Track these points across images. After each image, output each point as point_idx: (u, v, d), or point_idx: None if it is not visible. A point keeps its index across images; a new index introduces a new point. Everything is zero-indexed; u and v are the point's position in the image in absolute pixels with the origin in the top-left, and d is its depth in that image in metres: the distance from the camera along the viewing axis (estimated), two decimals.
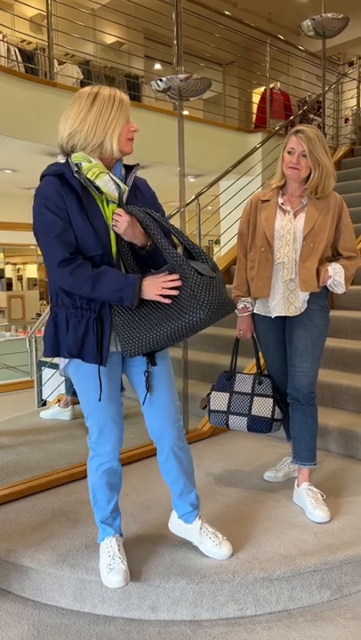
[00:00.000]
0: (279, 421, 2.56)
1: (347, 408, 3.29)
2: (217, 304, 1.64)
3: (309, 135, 2.29)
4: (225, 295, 1.69)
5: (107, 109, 1.74)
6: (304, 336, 2.38)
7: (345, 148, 7.15)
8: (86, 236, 1.71)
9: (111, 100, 1.76)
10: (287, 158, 2.34)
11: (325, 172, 2.31)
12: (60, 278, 1.70)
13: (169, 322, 1.67)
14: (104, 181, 1.73)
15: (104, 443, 1.89)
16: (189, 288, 1.64)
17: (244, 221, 2.54)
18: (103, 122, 1.73)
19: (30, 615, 1.96)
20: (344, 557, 2.04)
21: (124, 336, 1.74)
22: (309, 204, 2.36)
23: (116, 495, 1.98)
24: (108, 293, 1.67)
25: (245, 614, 1.95)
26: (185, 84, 2.97)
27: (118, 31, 8.27)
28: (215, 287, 1.66)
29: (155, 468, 2.87)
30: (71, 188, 1.72)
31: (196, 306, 1.62)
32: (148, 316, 1.71)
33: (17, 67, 5.89)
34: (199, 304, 1.62)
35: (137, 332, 1.72)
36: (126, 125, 1.77)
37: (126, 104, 1.78)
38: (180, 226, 3.35)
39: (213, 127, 6.56)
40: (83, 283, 1.66)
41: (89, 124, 1.73)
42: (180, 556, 2.05)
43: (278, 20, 9.32)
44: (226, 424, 2.65)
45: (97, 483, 1.94)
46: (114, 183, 1.74)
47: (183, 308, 1.65)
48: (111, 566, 1.88)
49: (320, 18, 4.76)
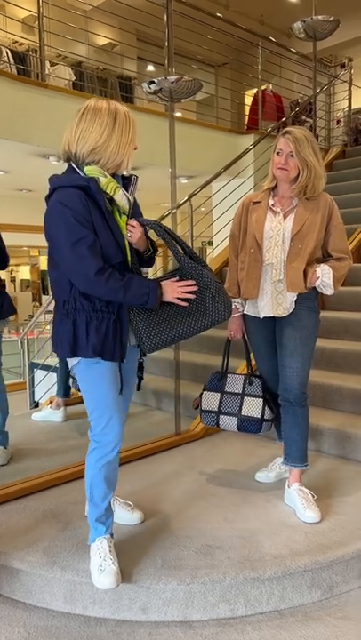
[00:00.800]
0: (269, 422, 2.57)
1: (338, 408, 3.30)
2: (230, 305, 1.95)
3: (297, 136, 2.29)
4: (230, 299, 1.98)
5: (126, 130, 1.89)
6: (294, 336, 2.39)
7: (337, 149, 7.18)
8: (109, 246, 1.82)
9: (128, 121, 1.92)
10: (276, 159, 2.35)
11: (314, 172, 2.32)
12: (96, 286, 1.79)
13: (192, 321, 1.90)
14: (120, 196, 1.87)
15: (109, 431, 1.95)
16: (211, 293, 1.89)
17: (236, 223, 2.56)
18: (125, 142, 1.88)
19: (21, 617, 1.95)
20: (335, 557, 2.05)
21: (146, 334, 1.91)
22: (299, 205, 2.37)
23: (111, 493, 2.01)
24: (136, 298, 1.83)
25: (236, 614, 1.95)
26: (176, 85, 2.97)
27: (110, 32, 8.27)
28: (225, 291, 1.94)
29: (143, 470, 2.87)
30: (95, 201, 1.80)
31: (220, 307, 1.90)
32: (170, 317, 1.91)
33: (9, 68, 5.88)
34: (223, 306, 1.90)
35: (159, 330, 1.90)
36: (132, 145, 1.94)
37: (134, 123, 1.94)
38: (173, 227, 3.36)
39: (206, 129, 6.57)
40: (117, 290, 1.79)
41: (114, 143, 1.86)
42: (172, 556, 2.05)
43: (270, 21, 9.36)
44: (217, 424, 2.66)
45: (95, 477, 1.97)
46: (125, 196, 1.89)
47: (206, 309, 1.90)
48: (102, 567, 1.89)
49: (311, 20, 4.79)
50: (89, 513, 2.01)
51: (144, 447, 3.09)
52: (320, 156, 2.38)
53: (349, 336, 3.83)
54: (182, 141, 3.65)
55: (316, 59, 5.71)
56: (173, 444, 3.22)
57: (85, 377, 1.94)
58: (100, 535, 1.99)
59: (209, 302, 1.89)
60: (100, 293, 1.80)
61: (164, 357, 4.22)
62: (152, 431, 3.38)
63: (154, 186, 5.69)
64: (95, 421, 1.96)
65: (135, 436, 3.17)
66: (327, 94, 7.78)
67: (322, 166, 2.36)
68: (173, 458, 3.06)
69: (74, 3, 7.18)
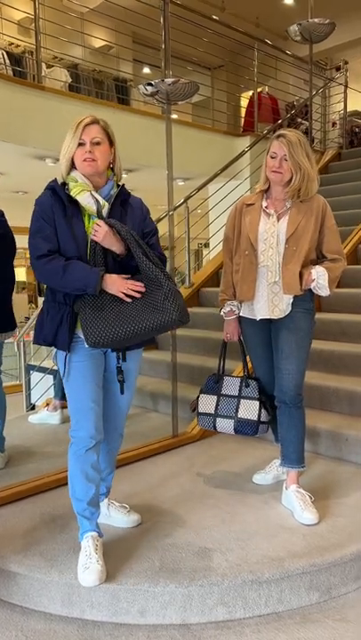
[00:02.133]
0: (266, 424, 2.57)
1: (335, 410, 3.30)
2: (183, 310, 1.94)
3: (291, 139, 2.30)
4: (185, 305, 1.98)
5: (66, 137, 2.00)
6: (289, 338, 2.39)
7: (332, 151, 7.21)
8: (66, 241, 1.96)
9: (71, 127, 2.00)
10: (270, 162, 2.35)
11: (307, 175, 2.32)
12: (38, 269, 1.96)
13: (141, 320, 1.91)
14: (84, 198, 1.97)
15: (79, 428, 2.02)
16: (164, 293, 1.93)
17: (230, 226, 2.56)
18: (63, 148, 2.02)
19: (18, 621, 1.94)
20: (333, 559, 2.05)
21: (90, 327, 1.91)
22: (293, 207, 2.37)
23: (93, 488, 2.04)
24: (75, 280, 1.90)
25: (234, 617, 1.95)
26: (172, 87, 2.98)
27: (107, 35, 8.27)
28: (181, 296, 1.98)
29: (140, 472, 2.87)
30: (60, 200, 1.99)
31: (170, 308, 1.91)
32: (119, 313, 1.93)
33: (5, 70, 5.88)
34: (173, 307, 1.91)
35: (104, 325, 1.91)
36: (80, 149, 1.98)
37: (80, 127, 1.97)
38: (169, 229, 3.36)
39: (202, 131, 6.59)
40: (55, 272, 1.91)
41: (61, 152, 2.03)
42: (169, 559, 2.04)
43: (266, 24, 9.38)
44: (213, 426, 2.66)
45: (73, 470, 2.04)
46: (93, 199, 1.98)
47: (157, 309, 1.92)
48: (86, 565, 1.93)
49: (307, 23, 4.80)
50: (73, 507, 2.06)
51: (141, 449, 3.08)
52: (313, 158, 2.38)
53: (346, 338, 3.84)
54: (179, 143, 3.65)
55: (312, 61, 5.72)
56: (171, 446, 3.22)
57: (62, 369, 2.04)
58: (87, 531, 2.03)
59: (160, 301, 1.92)
60: (41, 277, 1.96)
61: (160, 359, 4.21)
62: (149, 433, 3.37)
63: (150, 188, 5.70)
64: (71, 416, 2.05)
65: (132, 439, 3.16)
66: (323, 97, 7.81)
67: (315, 169, 2.36)
68: (171, 460, 3.06)
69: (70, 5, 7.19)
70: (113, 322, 1.91)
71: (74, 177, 2.01)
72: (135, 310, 1.93)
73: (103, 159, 1.99)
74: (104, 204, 1.99)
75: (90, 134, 1.97)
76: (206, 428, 2.71)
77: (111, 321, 1.91)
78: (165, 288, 1.93)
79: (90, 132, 1.97)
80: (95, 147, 1.97)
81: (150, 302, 1.93)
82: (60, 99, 5.11)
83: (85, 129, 1.97)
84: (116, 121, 5.41)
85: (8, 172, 6.65)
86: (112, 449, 2.25)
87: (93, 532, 2.03)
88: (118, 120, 5.47)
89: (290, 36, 4.97)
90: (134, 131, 5.61)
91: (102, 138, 1.99)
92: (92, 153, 1.96)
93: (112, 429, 2.20)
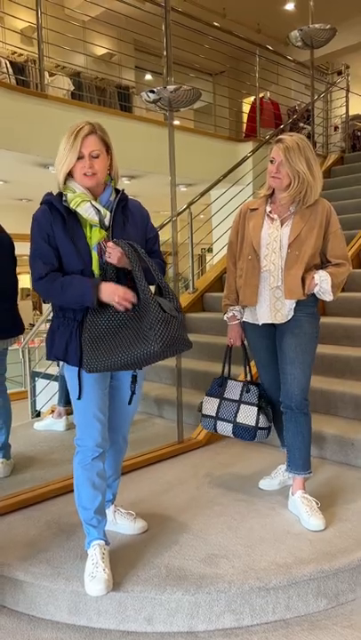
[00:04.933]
0: (265, 430, 2.57)
1: (341, 415, 3.29)
2: (170, 340, 1.84)
3: (288, 144, 2.27)
4: (181, 334, 1.90)
5: (62, 146, 1.94)
6: (293, 343, 2.38)
7: (335, 155, 7.21)
8: (69, 255, 1.94)
9: (67, 136, 1.93)
10: (269, 167, 2.35)
11: (306, 182, 2.29)
12: (39, 290, 1.96)
13: (131, 349, 1.85)
14: (84, 209, 1.94)
15: (86, 437, 2.01)
16: (149, 322, 1.83)
17: (234, 231, 2.56)
18: (59, 159, 1.95)
19: (25, 630, 1.94)
20: (340, 565, 2.03)
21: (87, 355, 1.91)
22: (296, 212, 2.36)
23: (99, 496, 2.03)
24: (74, 296, 1.90)
25: (242, 624, 1.94)
26: (174, 95, 2.99)
27: (108, 43, 8.33)
28: (173, 325, 1.86)
29: (146, 479, 2.86)
30: (59, 214, 1.95)
31: (152, 339, 1.82)
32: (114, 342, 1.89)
33: (8, 79, 5.92)
34: (155, 337, 1.81)
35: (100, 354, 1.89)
36: (79, 162, 1.93)
37: (79, 140, 1.91)
38: (172, 235, 3.36)
39: (204, 137, 6.60)
40: (55, 291, 1.91)
41: (56, 161, 1.96)
42: (176, 566, 2.04)
43: (267, 30, 9.42)
44: (214, 429, 2.69)
45: (80, 478, 2.02)
46: (94, 209, 1.94)
47: (140, 339, 1.84)
48: (93, 574, 1.92)
49: (308, 29, 4.81)
50: (80, 516, 2.05)
51: (147, 456, 3.08)
52: (316, 162, 2.33)
53: (351, 342, 3.83)
54: (181, 149, 3.66)
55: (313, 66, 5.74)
56: (176, 452, 3.21)
57: (70, 380, 2.03)
58: (93, 539, 2.02)
59: (146, 329, 1.84)
60: (44, 295, 1.97)
61: (165, 365, 4.20)
62: (154, 439, 3.37)
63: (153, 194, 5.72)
64: (77, 425, 2.04)
65: (138, 445, 3.16)
66: (325, 101, 7.82)
67: (316, 174, 2.31)
68: (176, 466, 3.05)
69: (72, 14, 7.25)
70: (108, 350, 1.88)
71: (72, 187, 1.97)
72: (129, 338, 1.87)
73: (103, 170, 1.97)
74: (105, 214, 1.97)
75: (89, 147, 1.92)
76: (208, 429, 2.74)
77: (107, 349, 1.88)
78: (152, 316, 1.83)
79: (88, 144, 1.92)
80: (95, 160, 1.93)
81: (140, 329, 1.86)
82: (62, 107, 5.15)
83: (84, 141, 1.91)
84: (119, 128, 5.48)
85: (12, 180, 6.68)
86: (118, 455, 2.25)
87: (100, 541, 2.02)
88: (121, 127, 5.50)
89: (291, 41, 4.99)
90: (137, 137, 5.63)
91: (100, 149, 1.95)
92: (92, 167, 1.93)
93: (118, 436, 2.20)
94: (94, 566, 1.94)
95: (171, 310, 1.89)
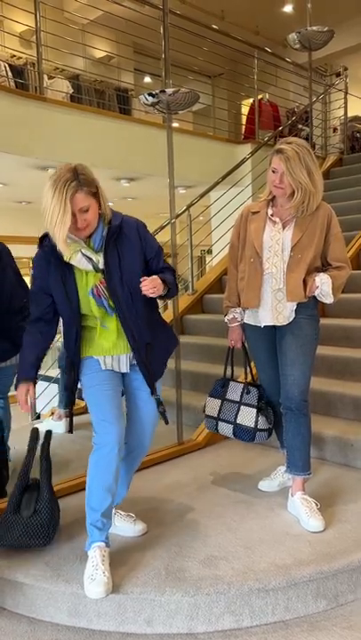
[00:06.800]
0: (265, 431, 2.58)
1: (341, 416, 3.29)
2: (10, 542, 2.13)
3: (288, 155, 2.25)
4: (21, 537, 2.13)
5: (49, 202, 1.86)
6: (294, 345, 2.39)
7: (334, 157, 7.22)
8: (61, 303, 2.06)
9: (52, 194, 1.85)
10: (271, 177, 2.34)
11: (308, 192, 2.29)
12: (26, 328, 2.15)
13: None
14: (77, 261, 1.98)
15: (105, 432, 2.03)
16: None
17: (235, 233, 2.57)
18: (50, 220, 1.87)
19: (25, 632, 1.94)
20: (339, 566, 2.04)
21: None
22: (298, 216, 2.37)
23: (109, 499, 2.03)
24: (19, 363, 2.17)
25: (241, 626, 1.94)
26: (173, 97, 3.00)
27: (107, 45, 8.35)
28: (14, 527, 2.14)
29: (146, 480, 2.86)
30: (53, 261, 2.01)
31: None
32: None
33: (7, 82, 5.93)
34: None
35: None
36: (72, 219, 1.88)
37: (68, 201, 1.83)
38: (172, 236, 3.37)
39: (203, 139, 6.62)
40: (24, 339, 2.14)
41: (47, 220, 1.89)
42: (175, 568, 2.04)
43: (265, 32, 9.44)
44: (216, 429, 2.73)
45: (92, 479, 2.04)
46: (85, 258, 1.98)
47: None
48: (93, 577, 1.92)
49: (306, 31, 4.82)
50: (87, 515, 2.05)
51: (146, 457, 3.05)
52: (316, 168, 2.32)
53: (351, 343, 3.83)
54: (180, 152, 3.67)
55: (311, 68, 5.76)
56: (176, 453, 3.21)
57: (83, 379, 2.13)
58: (95, 541, 2.01)
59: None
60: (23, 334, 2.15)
61: None
62: (154, 441, 3.31)
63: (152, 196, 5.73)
64: (94, 423, 2.08)
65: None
66: (323, 103, 7.84)
67: (317, 182, 2.31)
68: (176, 468, 3.05)
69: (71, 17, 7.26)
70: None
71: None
72: None
73: (94, 218, 1.95)
74: (98, 260, 1.99)
75: (77, 205, 1.87)
76: (210, 430, 2.78)
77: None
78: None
79: (77, 203, 1.87)
80: (85, 213, 1.90)
81: None
82: (61, 109, 5.16)
83: (72, 202, 1.85)
84: (118, 130, 5.50)
85: (11, 183, 6.69)
86: (132, 465, 2.29)
87: (101, 543, 2.01)
88: (120, 130, 5.51)
89: (289, 44, 5.00)
90: (136, 140, 5.65)
91: (90, 201, 1.90)
92: (85, 220, 1.92)
93: (136, 445, 2.24)
94: (94, 569, 1.94)
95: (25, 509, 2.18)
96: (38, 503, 2.17)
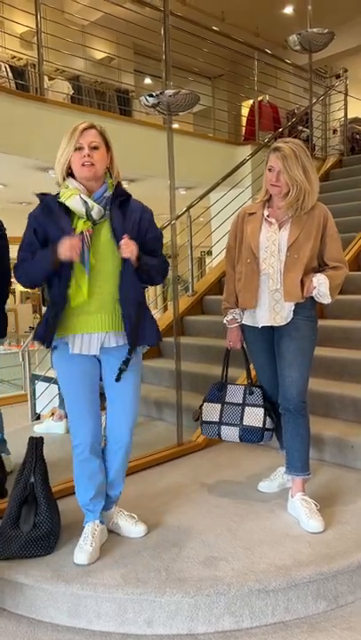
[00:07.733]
0: (270, 431, 2.58)
1: (340, 417, 3.30)
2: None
3: (285, 153, 2.28)
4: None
5: (62, 144, 2.03)
6: (292, 346, 2.39)
7: (333, 158, 7.23)
8: (57, 239, 2.00)
9: (66, 133, 2.03)
10: (268, 175, 2.36)
11: (304, 189, 2.31)
12: (18, 273, 2.10)
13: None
14: (72, 202, 2.01)
15: (77, 434, 2.15)
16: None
17: (232, 235, 2.58)
18: (59, 154, 2.04)
19: (25, 632, 1.94)
20: (339, 567, 2.04)
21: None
22: (294, 216, 2.38)
23: (94, 488, 2.18)
24: (39, 262, 2.03)
25: (241, 627, 1.94)
26: (173, 99, 3.00)
27: (108, 47, 8.36)
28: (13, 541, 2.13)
29: (146, 481, 2.86)
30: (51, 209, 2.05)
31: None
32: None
33: (8, 83, 5.94)
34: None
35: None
36: (78, 153, 2.00)
37: (78, 132, 2.00)
38: (172, 237, 3.37)
39: (203, 140, 6.62)
40: (28, 265, 2.06)
41: (56, 159, 2.06)
42: (176, 569, 2.04)
43: (265, 34, 9.45)
44: (218, 435, 2.66)
45: (76, 470, 2.20)
46: (82, 201, 2.01)
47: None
48: (81, 546, 2.11)
49: (306, 33, 4.83)
50: (78, 500, 2.22)
51: (147, 458, 3.08)
52: (312, 168, 2.36)
53: (349, 344, 3.83)
54: (180, 153, 3.68)
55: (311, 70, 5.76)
56: (176, 454, 3.22)
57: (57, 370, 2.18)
58: (89, 520, 2.20)
59: None
60: (22, 277, 2.10)
61: (164, 367, 4.22)
62: (154, 442, 3.37)
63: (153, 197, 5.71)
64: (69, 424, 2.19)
65: (137, 447, 3.14)
66: (323, 104, 7.84)
67: (312, 181, 2.33)
68: (176, 469, 3.05)
69: (71, 18, 7.27)
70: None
71: (66, 184, 2.06)
72: None
73: (101, 163, 2.02)
74: (93, 206, 2.01)
75: (87, 139, 1.99)
76: (210, 436, 2.71)
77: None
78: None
79: (87, 136, 1.99)
80: (93, 151, 1.99)
81: None
82: (62, 110, 5.16)
83: (83, 133, 1.99)
84: (118, 132, 5.48)
85: (11, 184, 6.70)
86: (116, 460, 2.24)
87: (95, 521, 2.20)
88: (120, 131, 5.51)
89: (289, 45, 5.01)
90: (136, 141, 5.65)
91: (100, 142, 2.02)
92: (91, 157, 1.98)
93: (114, 441, 2.23)
94: (84, 540, 2.12)
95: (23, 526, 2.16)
96: (37, 517, 2.16)
